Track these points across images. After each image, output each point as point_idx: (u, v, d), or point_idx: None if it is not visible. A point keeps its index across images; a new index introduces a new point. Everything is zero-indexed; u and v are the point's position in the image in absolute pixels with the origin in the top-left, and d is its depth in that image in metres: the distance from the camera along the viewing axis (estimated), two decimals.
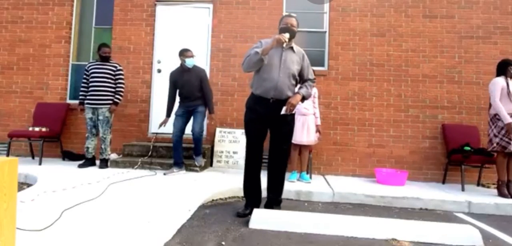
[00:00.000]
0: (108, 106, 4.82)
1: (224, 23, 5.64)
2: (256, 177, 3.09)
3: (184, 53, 4.60)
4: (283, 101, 2.94)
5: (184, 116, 4.64)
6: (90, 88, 4.81)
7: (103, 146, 4.82)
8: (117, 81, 4.91)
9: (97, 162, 4.93)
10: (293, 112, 3.02)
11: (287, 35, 2.85)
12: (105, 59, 4.87)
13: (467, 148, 4.55)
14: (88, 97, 4.82)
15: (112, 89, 4.87)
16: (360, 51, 5.46)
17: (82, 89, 4.92)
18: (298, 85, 3.12)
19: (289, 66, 2.95)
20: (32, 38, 5.86)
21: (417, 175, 5.20)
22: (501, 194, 4.10)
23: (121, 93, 4.96)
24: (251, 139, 3.05)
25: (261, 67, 2.94)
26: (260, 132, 3.04)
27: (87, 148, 4.87)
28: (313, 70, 4.90)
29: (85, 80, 4.91)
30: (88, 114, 4.82)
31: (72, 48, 5.93)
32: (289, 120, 3.04)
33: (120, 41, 5.73)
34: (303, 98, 3.02)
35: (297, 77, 3.04)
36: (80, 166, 4.76)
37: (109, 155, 4.92)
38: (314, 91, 4.64)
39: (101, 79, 4.80)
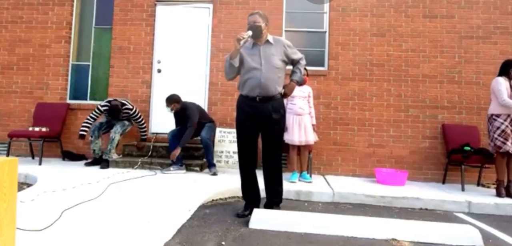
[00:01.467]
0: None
1: (224, 23, 5.64)
2: (251, 177, 3.07)
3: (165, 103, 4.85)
4: (270, 98, 2.93)
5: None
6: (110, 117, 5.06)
7: (109, 146, 4.84)
8: (138, 123, 5.18)
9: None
10: (289, 98, 3.03)
11: (249, 33, 2.81)
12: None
13: (467, 148, 4.55)
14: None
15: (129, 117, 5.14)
16: (360, 51, 5.46)
17: (87, 123, 4.96)
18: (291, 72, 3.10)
19: (270, 59, 2.93)
20: (32, 38, 5.86)
21: (417, 175, 5.20)
22: (498, 194, 4.11)
23: (145, 131, 5.28)
24: (242, 139, 3.03)
25: (244, 68, 2.95)
26: (251, 132, 3.01)
27: (94, 150, 4.92)
28: (313, 70, 4.97)
29: (93, 117, 4.98)
30: (104, 118, 5.02)
31: (72, 48, 5.93)
32: (279, 119, 3.01)
33: (120, 41, 5.73)
34: (298, 83, 3.10)
35: (283, 67, 3.01)
36: (87, 164, 4.87)
37: (112, 156, 4.91)
38: (309, 90, 4.64)
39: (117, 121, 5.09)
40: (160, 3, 5.78)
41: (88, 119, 4.96)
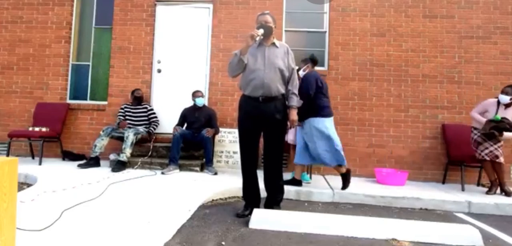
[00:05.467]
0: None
1: (224, 23, 5.64)
2: (253, 177, 3.07)
3: (195, 93, 5.11)
4: (273, 98, 2.95)
5: (189, 135, 4.95)
6: (128, 122, 5.25)
7: (124, 145, 4.69)
8: (150, 118, 5.35)
9: (104, 162, 4.90)
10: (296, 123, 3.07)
11: (261, 31, 2.86)
12: (138, 99, 5.33)
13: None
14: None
15: (146, 122, 5.37)
16: (360, 51, 5.46)
17: (120, 115, 5.34)
18: (290, 97, 3.06)
19: (274, 61, 2.95)
20: (32, 38, 5.86)
21: (417, 175, 5.20)
22: (488, 191, 4.34)
23: (155, 126, 5.34)
24: (244, 139, 3.04)
25: (248, 68, 2.97)
26: (253, 132, 3.03)
27: (95, 145, 4.78)
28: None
29: (121, 113, 5.34)
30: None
31: (72, 48, 5.93)
32: (281, 119, 3.02)
33: (120, 41, 5.73)
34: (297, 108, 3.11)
35: (286, 70, 3.00)
36: (80, 166, 4.66)
37: (127, 155, 4.69)
38: None
39: (136, 119, 5.28)
40: (160, 3, 5.78)
41: (119, 113, 5.34)
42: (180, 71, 5.70)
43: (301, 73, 4.11)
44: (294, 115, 3.06)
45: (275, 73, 2.94)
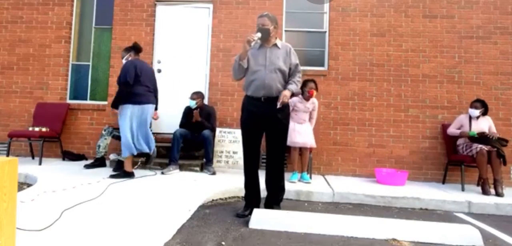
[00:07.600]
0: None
1: (224, 23, 5.64)
2: (254, 177, 3.09)
3: (191, 95, 5.04)
4: (275, 98, 2.95)
5: (189, 135, 4.92)
6: None
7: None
8: None
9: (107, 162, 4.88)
10: (286, 103, 2.98)
11: (258, 35, 2.88)
12: None
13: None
14: None
15: None
16: (360, 51, 5.46)
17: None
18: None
19: (274, 62, 2.97)
20: (32, 38, 5.86)
21: (417, 175, 5.20)
22: (484, 192, 4.27)
23: None
24: (247, 139, 3.07)
25: (249, 69, 3.00)
26: (256, 132, 3.05)
27: (99, 146, 4.78)
28: (313, 70, 4.98)
29: None
30: None
31: (72, 48, 5.93)
32: (283, 119, 3.04)
33: (120, 41, 5.72)
34: (293, 95, 3.11)
35: (286, 71, 3.01)
36: (87, 167, 4.65)
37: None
38: (314, 105, 4.67)
39: None
40: (160, 3, 5.78)
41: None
42: (180, 71, 5.70)
43: (123, 61, 4.21)
44: (285, 96, 2.90)
45: (276, 74, 2.96)
